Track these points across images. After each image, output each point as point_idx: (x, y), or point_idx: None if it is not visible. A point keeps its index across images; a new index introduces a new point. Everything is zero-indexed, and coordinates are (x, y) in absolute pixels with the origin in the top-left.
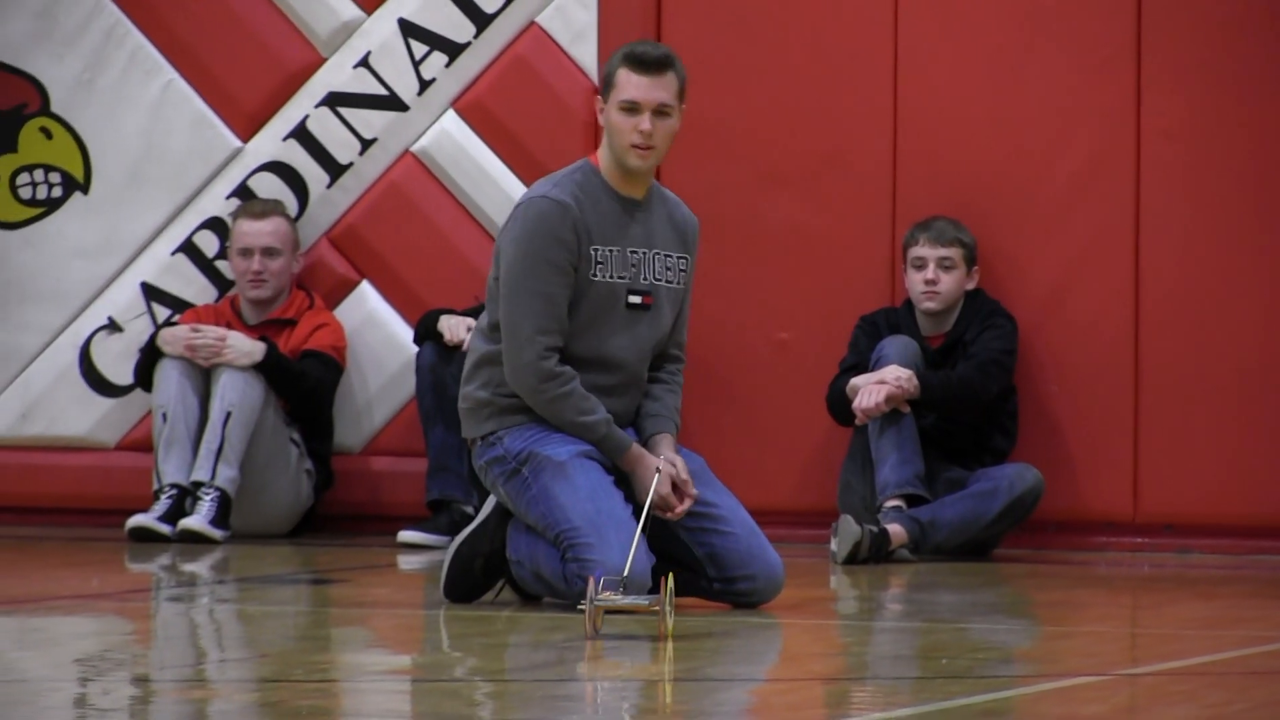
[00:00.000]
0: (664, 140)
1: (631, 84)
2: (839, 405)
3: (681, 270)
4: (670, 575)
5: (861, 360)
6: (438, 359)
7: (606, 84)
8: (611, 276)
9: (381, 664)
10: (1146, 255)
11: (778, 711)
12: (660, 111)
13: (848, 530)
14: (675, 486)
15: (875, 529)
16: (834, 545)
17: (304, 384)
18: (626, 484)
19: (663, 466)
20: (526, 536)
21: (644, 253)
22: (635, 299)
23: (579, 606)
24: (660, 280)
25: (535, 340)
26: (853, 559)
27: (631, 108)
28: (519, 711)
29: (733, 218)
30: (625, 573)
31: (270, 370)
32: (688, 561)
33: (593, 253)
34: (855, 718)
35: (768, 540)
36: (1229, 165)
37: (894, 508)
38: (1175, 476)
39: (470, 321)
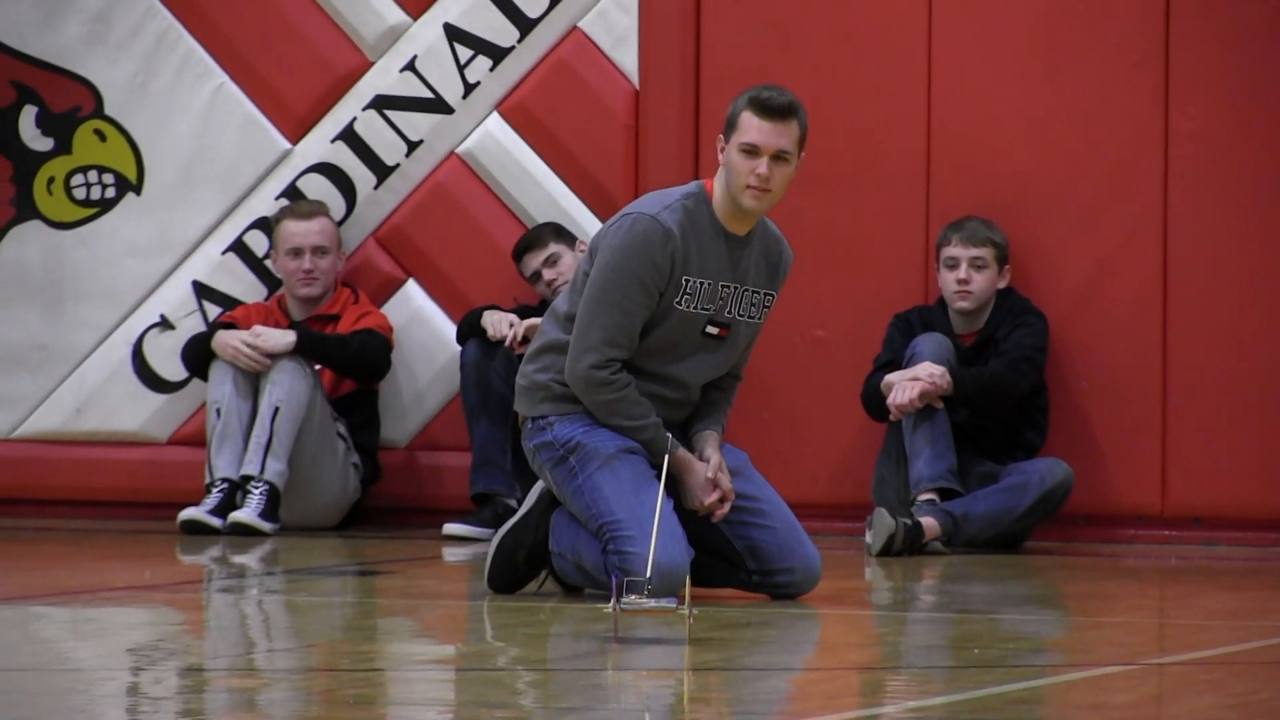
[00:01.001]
0: (780, 185)
1: (754, 128)
2: (874, 401)
3: (765, 306)
4: (688, 581)
5: (896, 357)
6: (481, 355)
7: (730, 124)
8: (696, 307)
9: (426, 654)
10: (1174, 255)
11: (815, 700)
12: (779, 157)
13: (882, 523)
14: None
15: (909, 522)
16: (869, 538)
17: (348, 349)
18: (671, 483)
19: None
20: (569, 529)
21: (734, 288)
22: (713, 330)
23: (605, 610)
24: (743, 315)
25: (601, 349)
26: (887, 551)
27: (751, 150)
28: (561, 700)
29: (773, 219)
30: (649, 574)
31: (311, 348)
32: (727, 554)
33: (684, 282)
34: (890, 706)
35: (806, 533)
36: (1255, 167)
37: (927, 501)
38: (1202, 471)
39: (513, 317)
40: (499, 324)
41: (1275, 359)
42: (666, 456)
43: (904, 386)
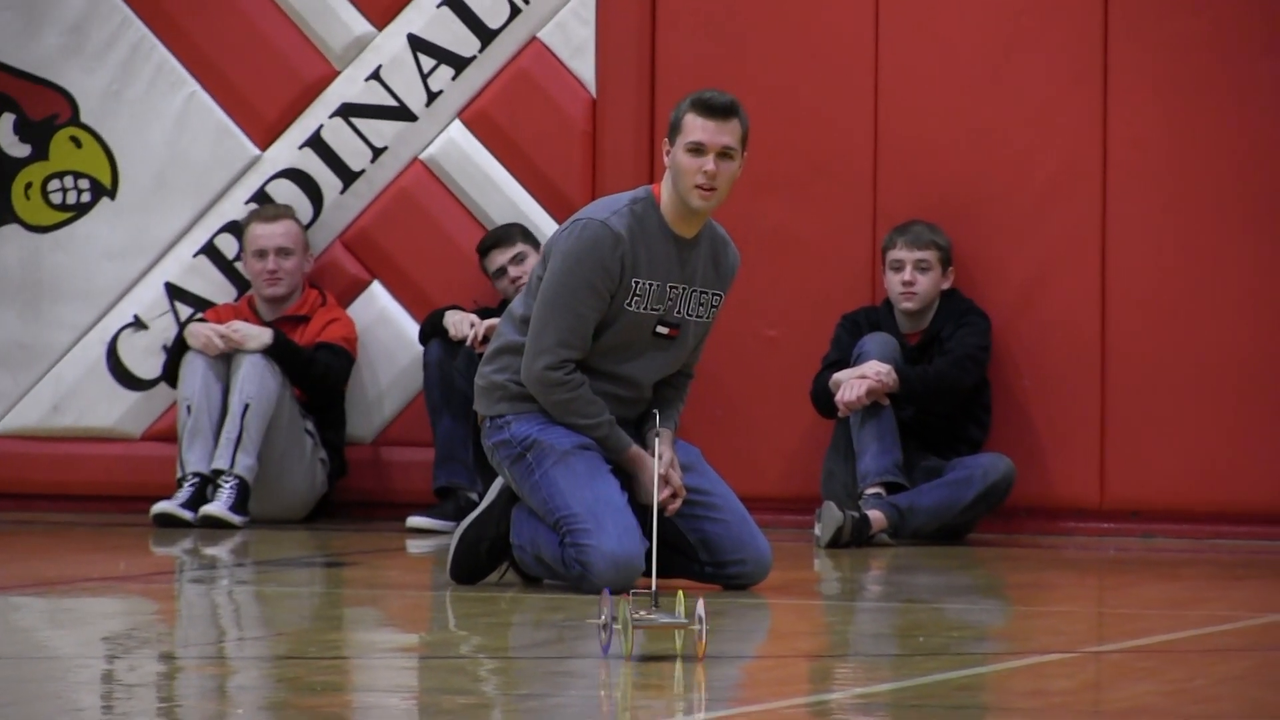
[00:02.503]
0: (726, 182)
1: (698, 127)
2: (822, 398)
3: (714, 306)
4: (702, 600)
5: (844, 356)
6: (444, 354)
7: (674, 128)
8: (645, 308)
9: (391, 642)
10: (1113, 257)
11: (766, 686)
12: (724, 154)
13: (831, 516)
14: (667, 482)
15: (857, 515)
16: (818, 530)
17: (315, 369)
18: (625, 477)
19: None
20: (529, 522)
21: (682, 289)
22: (663, 330)
23: (615, 625)
24: (692, 315)
25: (555, 350)
26: (835, 543)
27: (697, 149)
28: (522, 687)
29: (725, 223)
30: (654, 588)
31: (281, 355)
32: (681, 546)
33: (633, 284)
34: (839, 693)
35: (757, 526)
36: (1190, 173)
37: (874, 494)
38: (1140, 465)
39: (473, 318)
40: (460, 324)
41: (1209, 358)
42: (657, 437)
43: (852, 384)
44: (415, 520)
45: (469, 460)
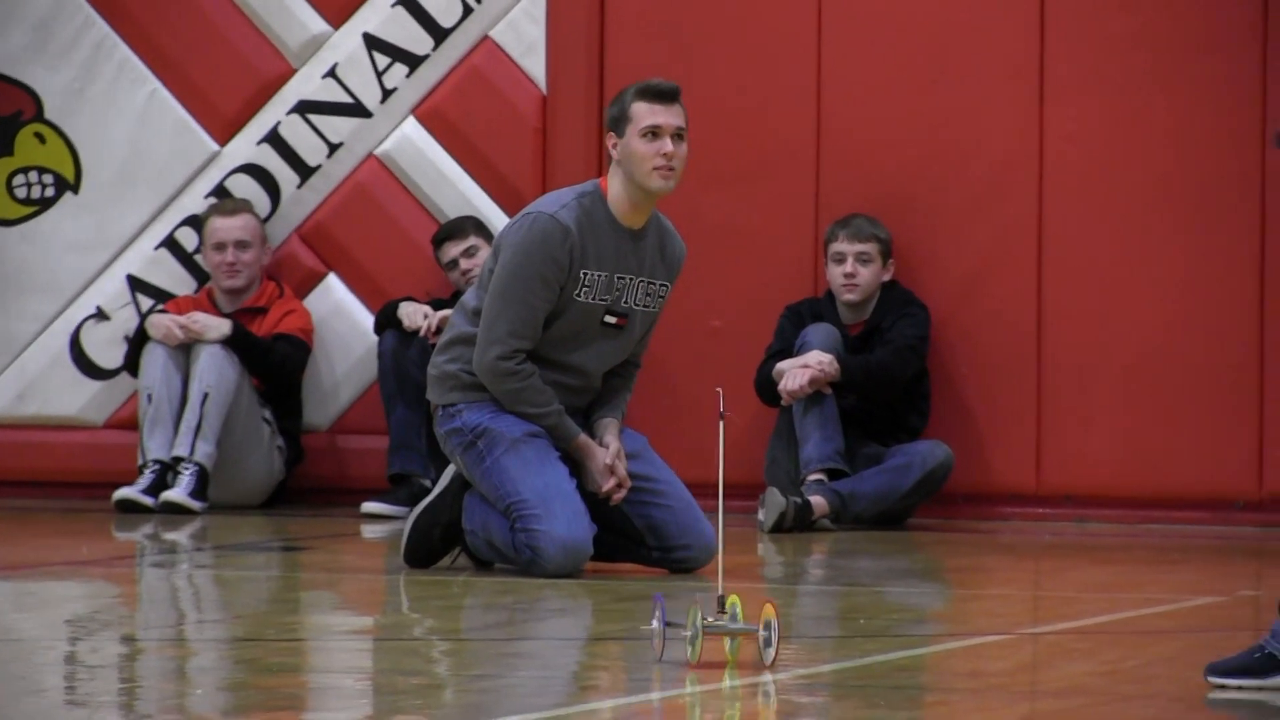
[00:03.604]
0: (681, 164)
1: (650, 112)
2: (766, 387)
3: (660, 296)
4: (772, 606)
5: (787, 346)
6: (398, 344)
7: (619, 120)
8: (594, 299)
9: (347, 624)
10: (1049, 250)
11: (711, 668)
12: (678, 135)
13: (774, 502)
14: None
15: (799, 500)
16: (761, 515)
17: (272, 358)
18: (574, 464)
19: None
20: (480, 508)
21: (629, 279)
22: (611, 319)
23: (685, 631)
24: (639, 305)
25: (506, 341)
26: (778, 528)
27: (654, 132)
28: (473, 669)
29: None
30: (720, 591)
31: (240, 345)
32: (629, 531)
33: (582, 275)
34: (782, 673)
35: (702, 511)
36: (1127, 167)
37: (816, 481)
38: (1074, 452)
39: (427, 309)
40: (414, 315)
41: (1143, 347)
42: (599, 426)
43: (795, 374)
44: (370, 506)
45: (422, 448)
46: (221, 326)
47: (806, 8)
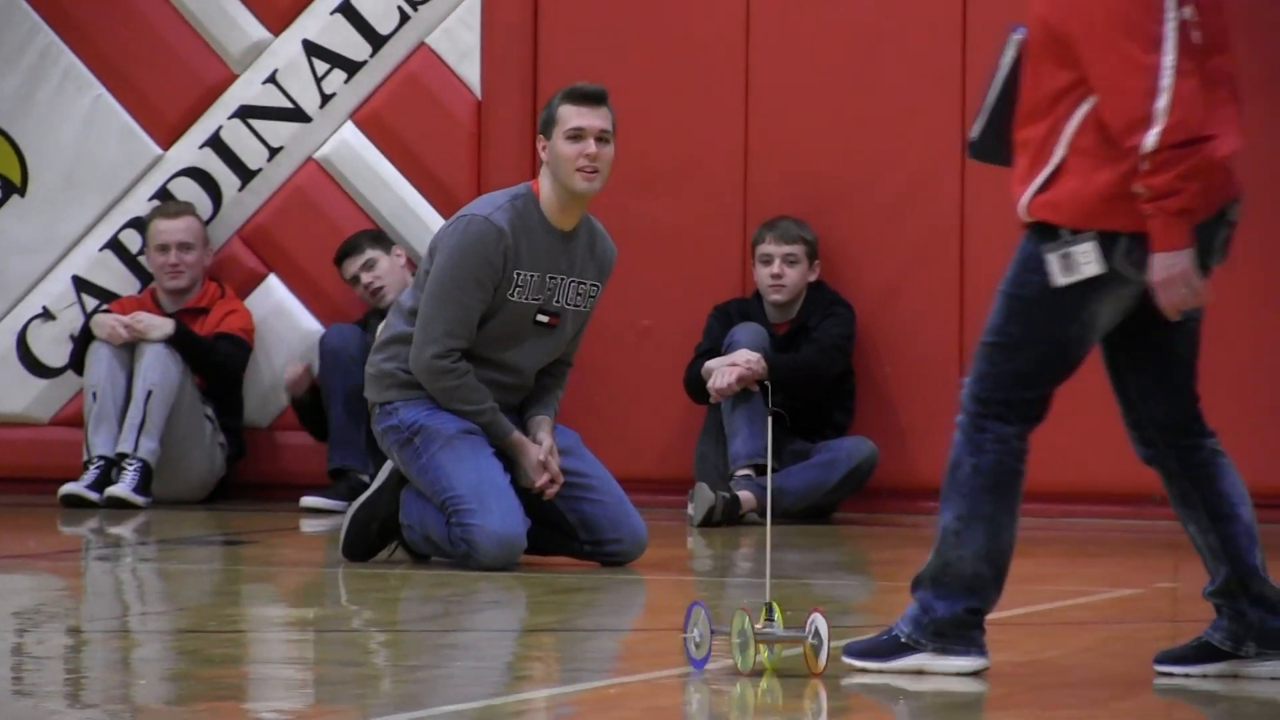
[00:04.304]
0: (606, 165)
1: (575, 114)
2: (695, 385)
3: (591, 296)
4: (821, 613)
5: (715, 345)
6: (339, 341)
7: (547, 123)
8: (527, 298)
9: (287, 616)
10: (970, 252)
11: (642, 658)
12: (602, 138)
13: (703, 496)
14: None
15: (728, 495)
16: (691, 510)
17: (214, 357)
18: (508, 460)
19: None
20: (417, 503)
21: (561, 279)
22: (543, 319)
23: (734, 639)
24: (570, 305)
25: (443, 340)
26: (707, 522)
27: (577, 134)
28: (410, 659)
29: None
30: (768, 597)
31: (182, 345)
32: (561, 525)
33: (515, 275)
34: (711, 665)
35: (633, 506)
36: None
37: (744, 476)
38: None
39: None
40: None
41: None
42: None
43: (723, 372)
44: (309, 500)
45: (361, 444)
46: (165, 326)
47: (735, 15)
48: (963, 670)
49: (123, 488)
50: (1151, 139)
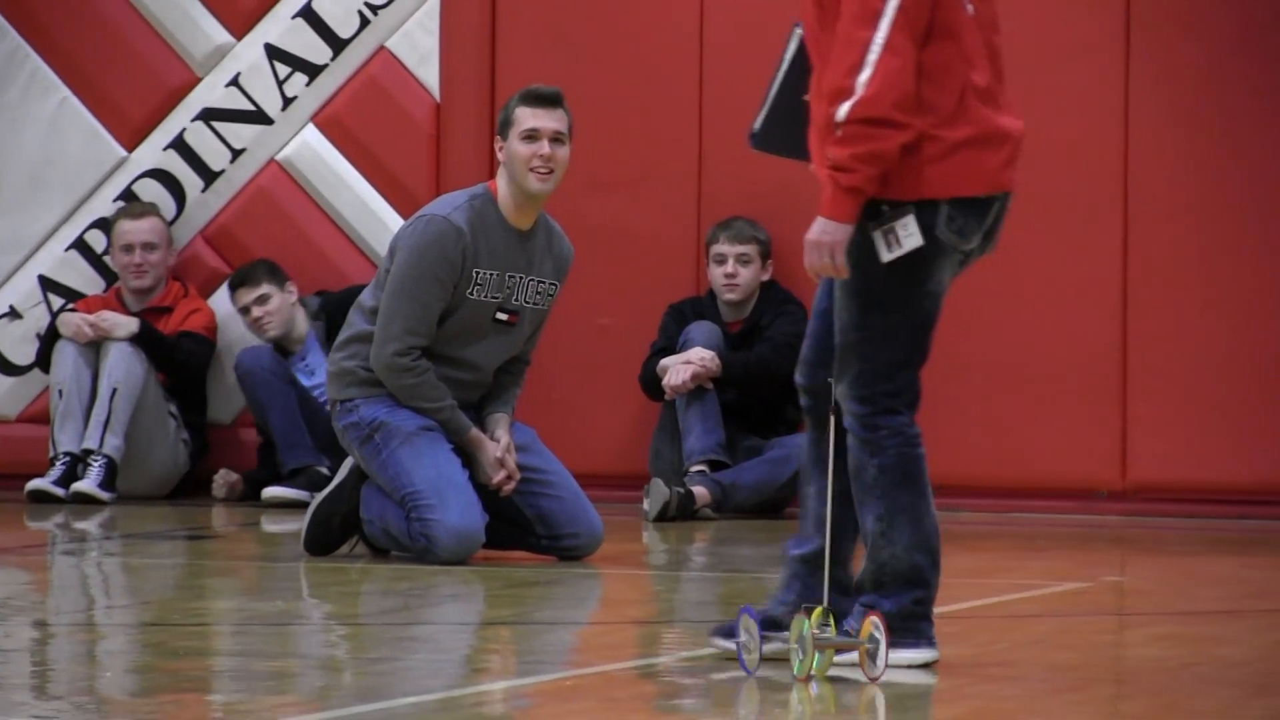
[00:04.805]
0: (561, 166)
1: (531, 116)
2: (651, 383)
3: (549, 295)
4: (877, 617)
5: (670, 343)
6: (253, 363)
7: (505, 124)
8: (486, 296)
9: (249, 610)
10: None
11: (598, 651)
12: (556, 139)
13: (658, 492)
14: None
15: (682, 491)
16: (646, 505)
17: (178, 355)
18: (466, 457)
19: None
20: (378, 498)
21: (520, 278)
22: (502, 316)
23: (791, 644)
24: (529, 303)
25: (403, 338)
26: (662, 517)
27: (532, 135)
28: (371, 651)
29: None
30: (825, 603)
31: (147, 343)
32: (519, 520)
33: (475, 274)
34: (665, 656)
35: (589, 501)
36: None
37: (699, 472)
38: (945, 443)
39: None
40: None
41: (1011, 343)
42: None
43: (678, 369)
44: (270, 491)
45: (309, 441)
46: (129, 325)
47: (690, 19)
48: (914, 662)
49: (88, 483)
50: (843, 111)
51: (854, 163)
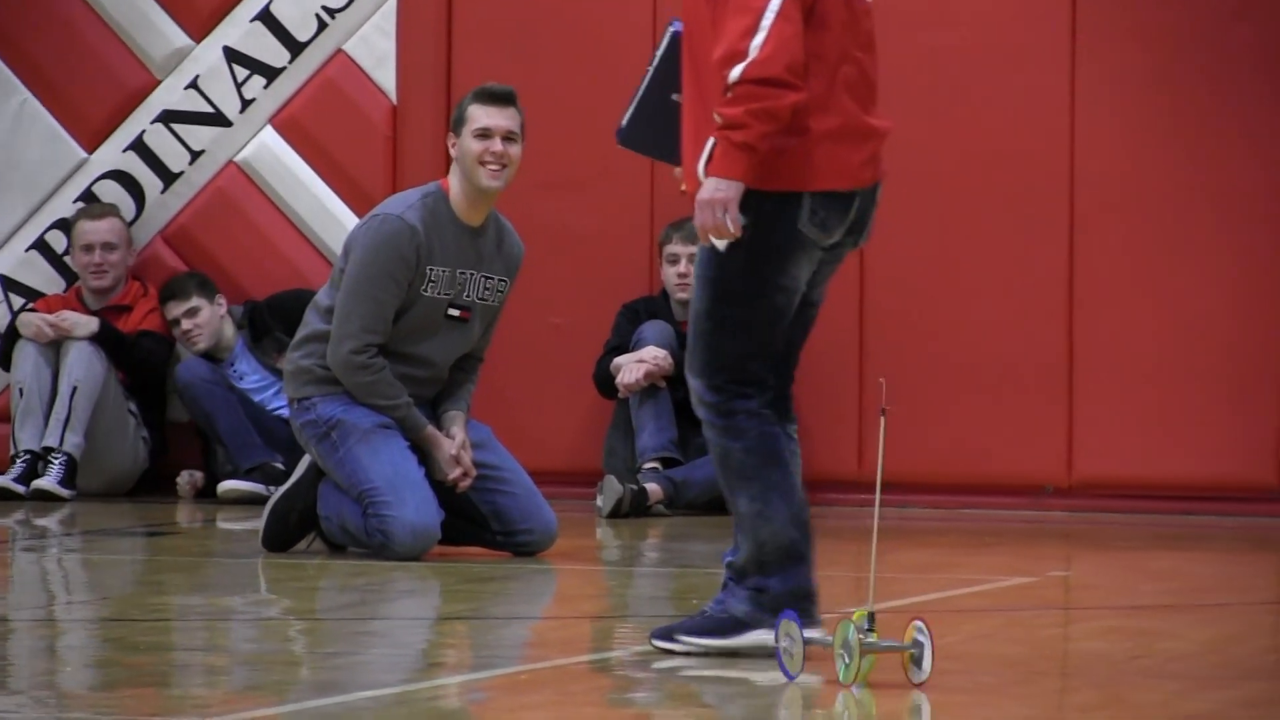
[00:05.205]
0: (512, 163)
1: (483, 114)
2: (604, 381)
3: (500, 291)
4: (922, 621)
5: (624, 342)
6: (190, 375)
7: (458, 122)
8: (439, 293)
9: (208, 605)
10: (869, 248)
11: (552, 645)
12: (509, 137)
13: (612, 488)
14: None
15: (635, 487)
16: (600, 501)
17: (137, 354)
18: (422, 454)
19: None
20: (334, 495)
21: (471, 274)
22: (455, 313)
23: (836, 649)
24: (480, 299)
25: (360, 335)
26: (616, 513)
27: (484, 134)
28: (328, 646)
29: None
30: (870, 607)
31: (106, 342)
32: (474, 516)
33: (428, 271)
34: (619, 650)
35: (544, 498)
36: (943, 166)
37: (652, 469)
38: (894, 439)
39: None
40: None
41: (959, 343)
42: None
43: (631, 368)
44: (227, 485)
45: (258, 440)
46: (89, 324)
47: (643, 20)
48: (805, 641)
49: (48, 481)
50: (736, 72)
51: (747, 118)
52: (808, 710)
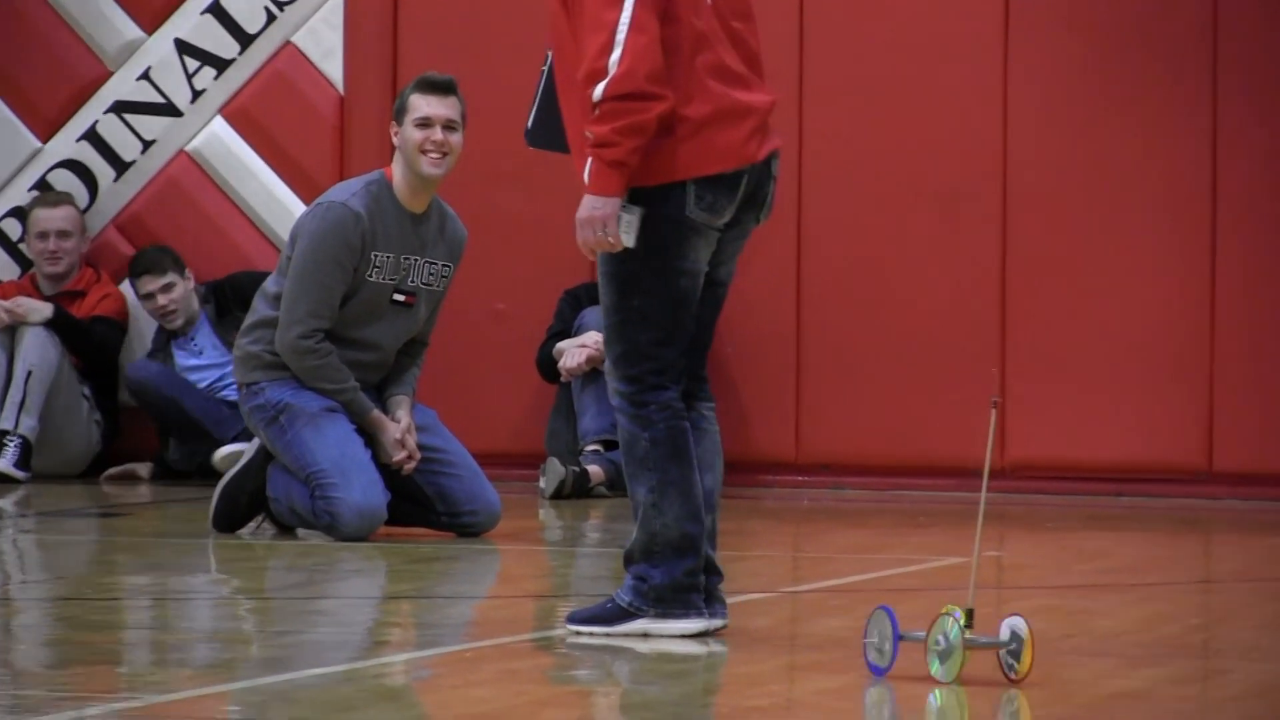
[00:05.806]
0: (453, 152)
1: (424, 103)
2: (547, 365)
3: (444, 276)
4: (1022, 619)
5: (566, 327)
6: (143, 373)
7: (400, 111)
8: (384, 279)
9: (160, 585)
10: (806, 236)
11: (496, 624)
12: (449, 126)
13: (554, 470)
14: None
15: (577, 469)
16: (542, 483)
17: (91, 339)
18: (368, 437)
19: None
20: (284, 477)
21: (415, 260)
22: (400, 298)
23: (933, 645)
24: (424, 284)
25: (306, 321)
26: (558, 494)
27: (425, 123)
28: (277, 624)
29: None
30: (971, 604)
31: (61, 327)
32: (420, 498)
33: (373, 257)
34: (561, 629)
35: (488, 479)
36: (879, 163)
37: (593, 451)
38: (830, 424)
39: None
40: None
41: (896, 327)
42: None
43: (573, 353)
44: (224, 451)
45: (228, 413)
46: (44, 310)
47: None
48: (685, 632)
49: (4, 463)
50: (599, 90)
51: (615, 136)
52: (794, 700)
